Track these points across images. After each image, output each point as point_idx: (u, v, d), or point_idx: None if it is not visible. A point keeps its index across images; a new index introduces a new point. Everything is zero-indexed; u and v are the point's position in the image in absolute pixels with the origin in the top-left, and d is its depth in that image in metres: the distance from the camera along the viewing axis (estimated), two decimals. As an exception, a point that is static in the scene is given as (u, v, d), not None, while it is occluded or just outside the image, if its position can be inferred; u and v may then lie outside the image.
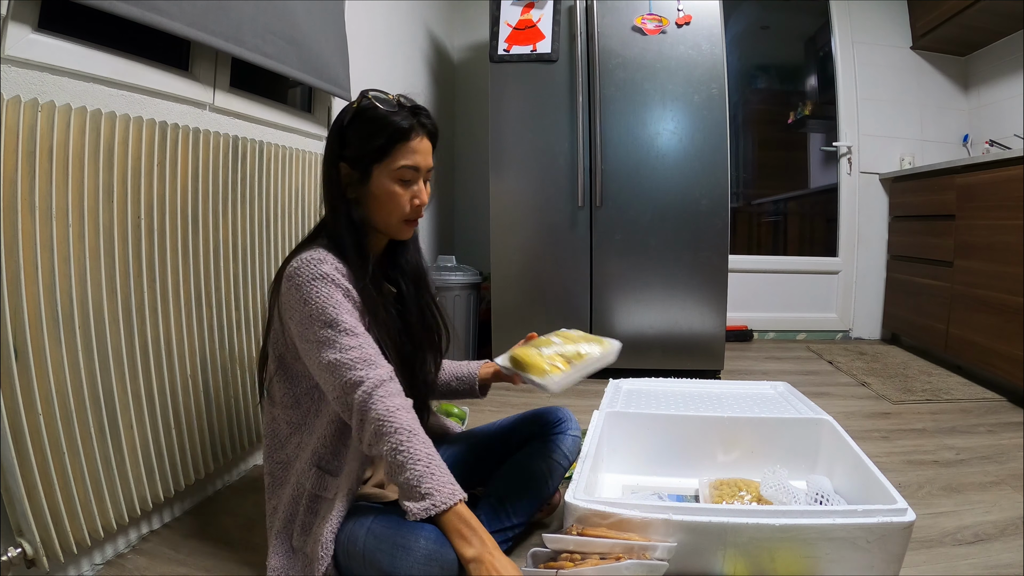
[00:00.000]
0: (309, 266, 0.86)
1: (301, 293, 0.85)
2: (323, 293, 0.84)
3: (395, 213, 0.94)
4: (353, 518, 0.80)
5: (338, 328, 0.83)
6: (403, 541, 0.75)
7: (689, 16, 2.09)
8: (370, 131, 0.91)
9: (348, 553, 0.79)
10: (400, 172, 0.92)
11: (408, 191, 0.94)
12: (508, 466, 1.06)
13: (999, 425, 1.72)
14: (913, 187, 2.70)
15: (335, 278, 0.86)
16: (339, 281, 0.86)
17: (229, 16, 1.23)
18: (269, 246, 1.38)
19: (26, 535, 0.85)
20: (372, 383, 0.80)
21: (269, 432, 0.97)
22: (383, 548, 0.76)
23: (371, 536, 0.77)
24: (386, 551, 0.75)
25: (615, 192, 2.17)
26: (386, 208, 0.94)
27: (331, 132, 0.95)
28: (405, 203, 0.94)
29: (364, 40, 1.97)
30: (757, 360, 2.62)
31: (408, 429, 0.77)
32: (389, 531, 0.77)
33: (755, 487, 1.12)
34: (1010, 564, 1.00)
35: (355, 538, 0.79)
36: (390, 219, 0.95)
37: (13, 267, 0.81)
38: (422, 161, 0.94)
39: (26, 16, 0.90)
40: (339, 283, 0.86)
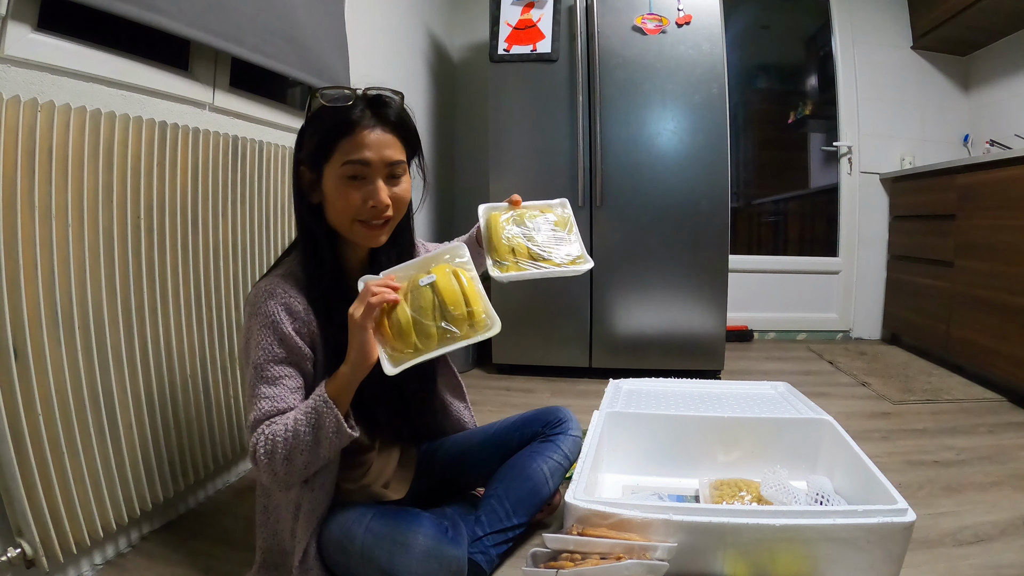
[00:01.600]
0: (257, 299, 0.84)
1: (247, 325, 0.85)
2: (260, 334, 0.83)
3: (345, 213, 0.87)
4: (350, 516, 0.80)
5: (261, 375, 0.82)
6: (402, 538, 0.75)
7: (689, 16, 2.09)
8: (316, 128, 0.87)
9: (345, 550, 0.79)
10: (345, 169, 0.85)
11: (360, 190, 0.86)
12: (508, 466, 1.06)
13: (999, 425, 1.72)
14: (913, 187, 2.70)
15: (275, 319, 0.83)
16: (278, 323, 0.83)
17: (229, 16, 1.23)
18: (269, 246, 1.38)
19: (25, 535, 0.85)
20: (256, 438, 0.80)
21: None
22: (381, 545, 0.76)
23: (369, 534, 0.78)
24: (384, 548, 0.75)
25: (615, 192, 2.17)
26: (336, 208, 0.87)
27: (298, 135, 0.92)
28: (355, 203, 0.86)
29: (364, 40, 1.97)
30: (757, 360, 2.62)
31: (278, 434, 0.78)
32: (387, 529, 0.77)
33: (755, 487, 1.12)
34: (1011, 564, 1.00)
35: (352, 536, 0.79)
36: (342, 221, 0.88)
37: (13, 267, 0.81)
38: (373, 155, 0.85)
39: (26, 16, 0.90)
40: (278, 325, 0.83)
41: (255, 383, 0.82)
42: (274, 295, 0.84)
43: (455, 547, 0.79)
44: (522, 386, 2.15)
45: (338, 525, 0.81)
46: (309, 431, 0.77)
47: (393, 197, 0.89)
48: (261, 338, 0.82)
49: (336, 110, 0.85)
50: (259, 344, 0.82)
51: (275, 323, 0.82)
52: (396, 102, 0.91)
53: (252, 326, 0.84)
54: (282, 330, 0.83)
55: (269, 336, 0.82)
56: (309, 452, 0.77)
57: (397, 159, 0.89)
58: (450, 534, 0.81)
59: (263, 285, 0.86)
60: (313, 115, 0.88)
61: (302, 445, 0.77)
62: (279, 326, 0.83)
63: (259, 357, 0.82)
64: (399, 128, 0.89)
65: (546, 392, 2.08)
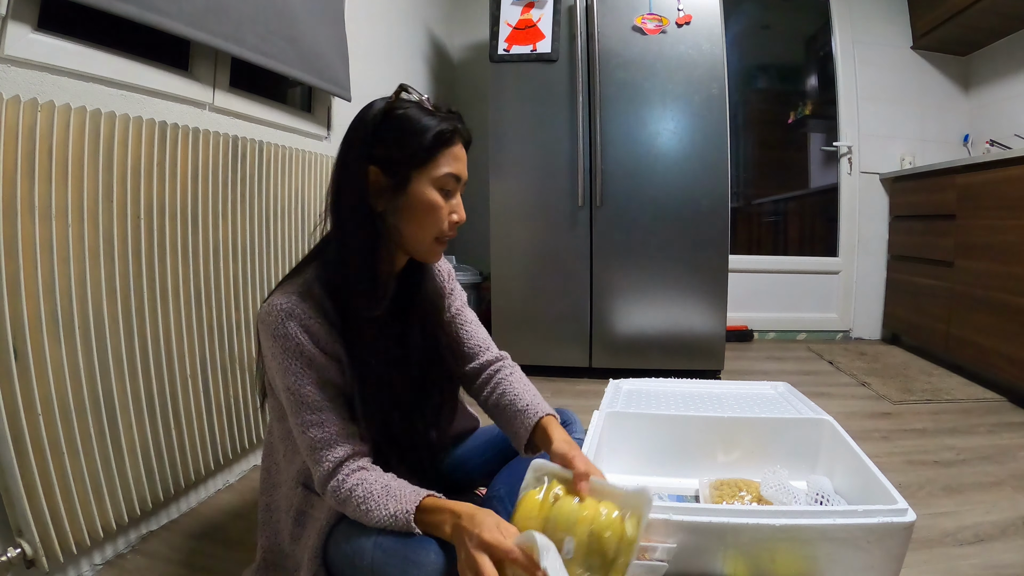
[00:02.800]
0: (276, 320, 0.78)
1: (268, 345, 0.80)
2: (287, 359, 0.78)
3: (432, 228, 0.82)
4: (359, 532, 0.79)
5: (301, 402, 0.79)
6: (414, 556, 0.74)
7: (689, 16, 2.09)
8: (413, 130, 0.79)
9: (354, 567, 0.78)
10: (443, 180, 0.81)
11: (447, 204, 0.83)
12: (511, 467, 1.06)
13: (999, 425, 1.72)
14: (913, 187, 2.70)
15: (298, 341, 0.78)
16: (302, 345, 0.78)
17: (229, 16, 1.23)
18: (269, 246, 1.38)
19: (25, 535, 0.85)
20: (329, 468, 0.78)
21: (267, 433, 0.97)
22: (393, 563, 0.74)
23: (379, 550, 0.76)
24: (396, 566, 0.74)
25: (615, 192, 2.17)
26: (423, 222, 0.82)
27: (357, 130, 0.82)
28: (443, 217, 0.82)
29: (364, 40, 1.97)
30: (757, 360, 2.62)
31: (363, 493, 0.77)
32: (399, 545, 0.75)
33: (755, 487, 1.12)
34: (1011, 564, 1.00)
35: (362, 552, 0.77)
36: (424, 235, 0.83)
37: (13, 267, 0.81)
38: (463, 170, 0.84)
39: (26, 16, 0.90)
40: (303, 348, 0.78)
41: (298, 411, 0.79)
42: (293, 316, 0.78)
43: None
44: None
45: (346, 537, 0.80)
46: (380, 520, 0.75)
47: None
48: (289, 363, 0.79)
49: (440, 117, 0.81)
50: (288, 369, 0.79)
51: (300, 346, 0.78)
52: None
53: (275, 349, 0.79)
54: (309, 352, 0.79)
55: (296, 362, 0.79)
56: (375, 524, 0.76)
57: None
58: None
59: (279, 304, 0.79)
60: (405, 115, 0.81)
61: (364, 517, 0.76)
62: (304, 348, 0.78)
63: (292, 383, 0.79)
64: (469, 145, 0.87)
65: (546, 392, 2.06)
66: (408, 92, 0.82)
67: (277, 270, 1.41)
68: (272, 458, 0.95)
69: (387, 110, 0.80)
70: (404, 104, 0.81)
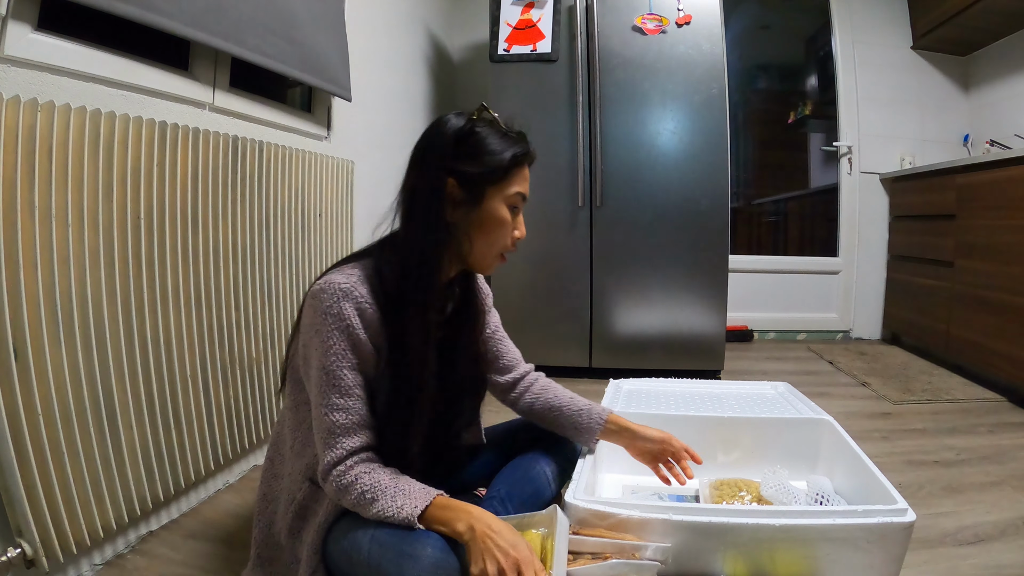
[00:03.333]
0: (330, 297, 0.79)
1: (314, 321, 0.80)
2: (332, 337, 0.79)
3: (498, 243, 0.87)
4: (356, 526, 0.80)
5: (333, 383, 0.79)
6: (410, 550, 0.74)
7: (689, 16, 2.09)
8: (492, 149, 0.84)
9: (351, 561, 0.78)
10: (513, 198, 0.86)
11: (513, 223, 0.88)
12: (511, 467, 1.06)
13: (999, 425, 1.72)
14: (913, 187, 2.70)
15: (349, 323, 0.79)
16: (352, 327, 0.79)
17: (229, 16, 1.23)
18: (269, 246, 1.38)
19: (25, 535, 0.85)
20: (340, 454, 0.79)
21: (278, 423, 0.97)
22: (389, 557, 0.75)
23: (376, 544, 0.77)
24: (392, 560, 0.74)
25: (615, 192, 2.17)
26: (492, 236, 0.86)
27: (435, 141, 0.84)
28: (509, 233, 0.88)
29: (364, 40, 1.97)
30: (757, 360, 2.62)
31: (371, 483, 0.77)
32: (395, 539, 0.76)
33: (755, 487, 1.12)
34: (1011, 564, 1.00)
35: (359, 546, 0.78)
36: (491, 249, 0.88)
37: (13, 267, 0.81)
38: (528, 189, 0.89)
39: (26, 15, 0.90)
40: (352, 330, 0.79)
41: (326, 391, 0.79)
42: (350, 296, 0.79)
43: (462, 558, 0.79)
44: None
45: (344, 533, 0.81)
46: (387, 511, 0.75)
47: None
48: (333, 341, 0.79)
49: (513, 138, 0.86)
50: (331, 348, 0.79)
51: (350, 327, 0.79)
52: None
53: (321, 325, 0.79)
54: (357, 336, 0.79)
55: (343, 341, 0.79)
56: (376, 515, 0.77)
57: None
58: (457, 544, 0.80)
59: (338, 282, 0.80)
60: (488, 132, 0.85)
61: (372, 512, 0.76)
62: (354, 331, 0.79)
63: (331, 363, 0.79)
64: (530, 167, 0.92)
65: None
66: (486, 111, 0.87)
67: (277, 270, 1.41)
68: (278, 448, 0.95)
69: (471, 125, 0.85)
70: (482, 122, 0.86)
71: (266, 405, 1.39)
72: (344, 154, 1.77)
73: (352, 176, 1.76)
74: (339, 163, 1.67)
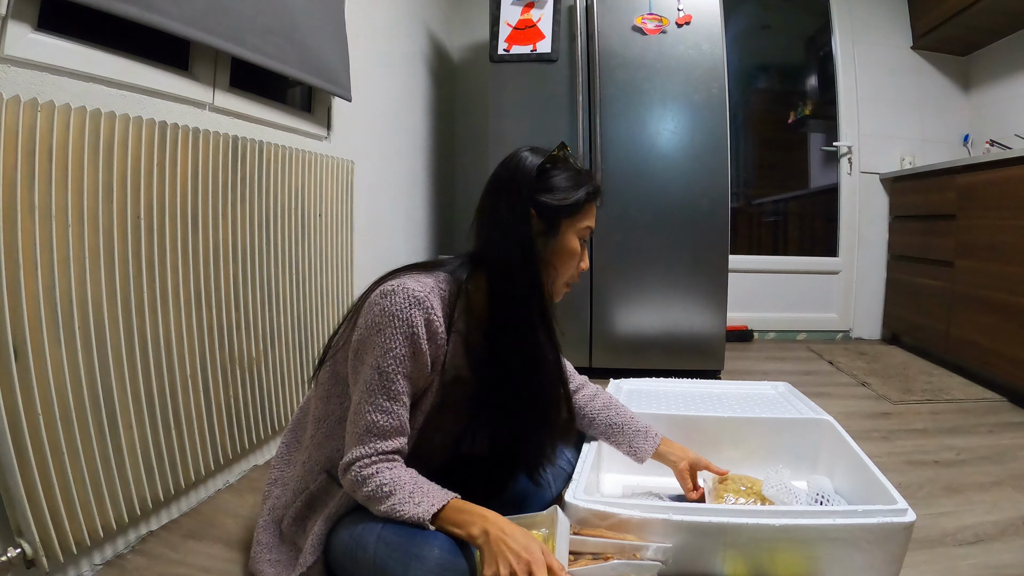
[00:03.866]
0: (403, 301, 0.80)
1: (379, 321, 0.80)
2: (396, 339, 0.79)
3: (568, 272, 0.93)
4: (362, 524, 0.80)
5: (384, 385, 0.80)
6: (416, 550, 0.74)
7: (689, 16, 2.09)
8: (570, 186, 0.90)
9: (356, 559, 0.78)
10: (584, 231, 0.92)
11: (580, 254, 0.93)
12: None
13: (999, 425, 1.72)
14: (913, 187, 2.70)
15: (416, 331, 0.80)
16: (418, 336, 0.80)
17: (229, 16, 1.23)
18: (269, 246, 1.38)
19: (25, 535, 0.85)
20: (368, 452, 0.79)
21: (301, 410, 0.97)
22: (395, 557, 0.75)
23: (382, 544, 0.77)
24: (398, 560, 0.74)
25: (615, 192, 2.17)
26: (564, 265, 0.92)
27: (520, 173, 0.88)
28: (577, 264, 0.93)
29: (364, 40, 1.97)
30: (757, 360, 2.62)
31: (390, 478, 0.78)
32: (401, 540, 0.76)
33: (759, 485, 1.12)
34: (1011, 564, 1.00)
35: (364, 545, 0.78)
36: (559, 279, 0.93)
37: (13, 267, 0.81)
38: (594, 225, 0.94)
39: (26, 15, 0.90)
40: (416, 339, 0.80)
41: (376, 391, 0.79)
42: (421, 305, 0.80)
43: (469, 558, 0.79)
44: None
45: (349, 532, 0.81)
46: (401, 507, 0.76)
47: None
48: (395, 344, 0.79)
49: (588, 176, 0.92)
50: (390, 350, 0.79)
51: (414, 335, 0.80)
52: None
53: (386, 325, 0.79)
54: (419, 344, 0.80)
55: (405, 346, 0.80)
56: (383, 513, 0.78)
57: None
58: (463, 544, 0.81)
59: (412, 287, 0.81)
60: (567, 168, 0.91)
61: (385, 506, 0.77)
62: (417, 340, 0.80)
63: (387, 364, 0.79)
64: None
65: None
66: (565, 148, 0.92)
67: (277, 269, 1.41)
68: (296, 434, 0.95)
69: (553, 161, 0.90)
70: (560, 160, 0.91)
71: (266, 405, 1.39)
72: (344, 154, 1.77)
73: (352, 176, 1.77)
74: (339, 163, 1.67)
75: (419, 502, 0.76)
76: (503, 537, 0.72)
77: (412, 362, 0.81)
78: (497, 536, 0.72)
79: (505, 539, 0.72)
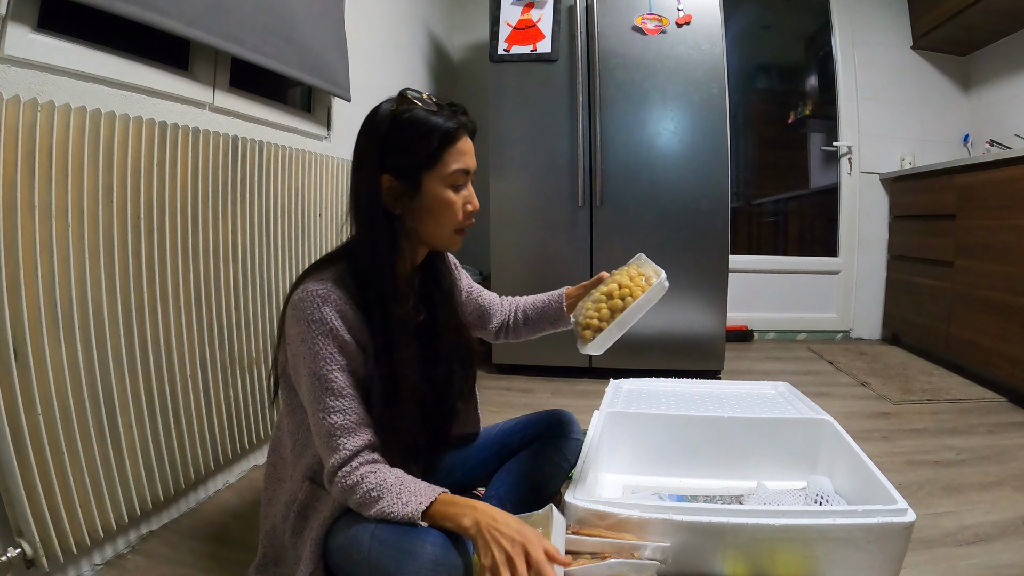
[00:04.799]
0: (311, 305, 0.81)
1: (299, 330, 0.81)
2: (317, 342, 0.80)
3: (450, 223, 0.88)
4: (356, 524, 0.80)
5: (326, 387, 0.80)
6: (410, 547, 0.74)
7: (689, 16, 2.09)
8: (418, 135, 0.83)
9: (351, 559, 0.79)
10: (453, 177, 0.85)
11: (460, 197, 0.87)
12: (510, 467, 1.06)
13: (999, 425, 1.72)
14: (913, 187, 2.70)
15: (332, 326, 0.80)
16: (336, 330, 0.81)
17: (229, 16, 1.23)
18: (269, 246, 1.38)
19: (25, 535, 0.85)
20: (344, 456, 0.79)
21: (276, 428, 0.97)
22: (388, 554, 0.75)
23: (376, 542, 0.77)
24: (392, 557, 0.75)
25: (615, 192, 2.17)
26: (441, 219, 0.87)
27: (364, 141, 0.86)
28: (459, 210, 0.87)
29: (364, 40, 1.97)
30: (757, 360, 2.62)
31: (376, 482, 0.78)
32: (395, 537, 0.76)
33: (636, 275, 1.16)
34: (1011, 564, 1.00)
35: (359, 544, 0.78)
36: (444, 231, 0.88)
37: (13, 267, 0.81)
38: (471, 162, 0.87)
39: (26, 16, 0.90)
40: (336, 332, 0.81)
41: (320, 395, 0.80)
42: (328, 301, 0.81)
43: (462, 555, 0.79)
44: (522, 386, 2.15)
45: (344, 531, 0.81)
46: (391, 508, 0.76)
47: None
48: (320, 347, 0.80)
49: (440, 117, 0.84)
50: (319, 354, 0.80)
51: (333, 330, 0.80)
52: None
53: (306, 333, 0.80)
54: (341, 337, 0.81)
55: (329, 345, 0.80)
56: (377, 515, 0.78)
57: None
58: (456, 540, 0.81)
59: (314, 290, 0.81)
60: (408, 121, 0.84)
61: (375, 510, 0.77)
62: (337, 333, 0.81)
63: (321, 368, 0.80)
64: (474, 134, 0.91)
65: (546, 392, 2.08)
66: (409, 96, 0.85)
67: (277, 269, 1.41)
68: (279, 453, 0.95)
69: (392, 118, 0.84)
70: (408, 108, 0.84)
71: (266, 405, 1.39)
72: (344, 154, 1.77)
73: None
74: (339, 163, 1.67)
75: (407, 502, 0.76)
76: (494, 524, 0.72)
77: (343, 355, 0.81)
78: (488, 524, 0.72)
79: (496, 526, 0.72)
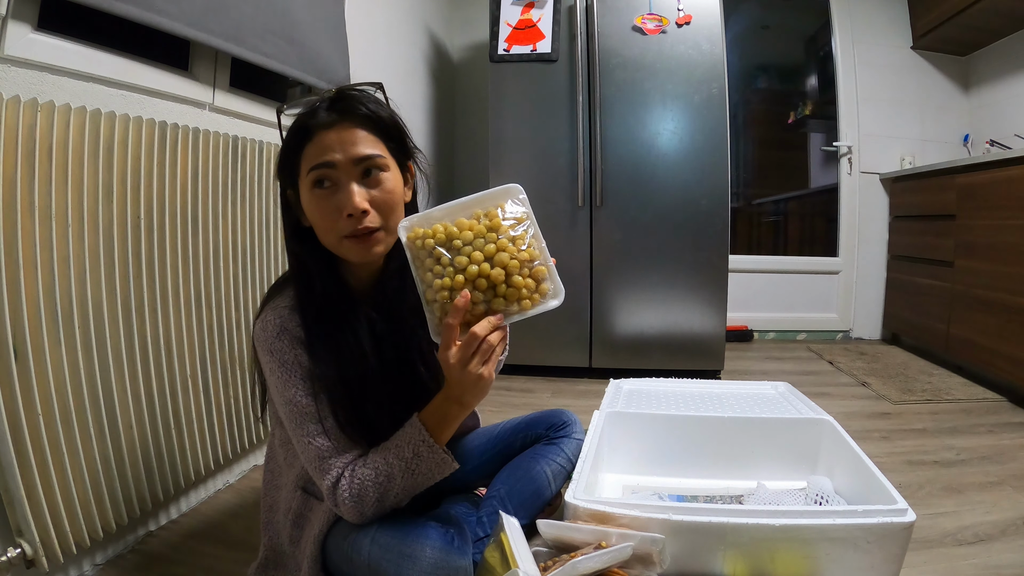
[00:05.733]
0: (271, 336, 0.80)
1: (266, 360, 0.81)
2: (284, 373, 0.79)
3: (330, 231, 0.78)
4: (355, 529, 0.80)
5: (303, 413, 0.79)
6: (409, 551, 0.74)
7: (689, 16, 2.09)
8: (287, 140, 0.79)
9: (351, 562, 0.79)
10: (313, 176, 0.76)
11: (332, 199, 0.76)
12: (511, 467, 1.06)
13: (1000, 425, 1.72)
14: (913, 187, 2.70)
15: (294, 356, 0.79)
16: (298, 358, 0.79)
17: (229, 16, 1.23)
18: (269, 246, 1.38)
19: (25, 535, 0.85)
20: (337, 473, 0.78)
21: (270, 435, 0.98)
22: (388, 558, 0.75)
23: (376, 545, 0.77)
24: (392, 560, 0.75)
25: (615, 192, 2.17)
26: (319, 227, 0.79)
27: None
28: (329, 215, 0.76)
29: (364, 40, 1.97)
30: (757, 360, 2.62)
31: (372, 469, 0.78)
32: (395, 540, 0.76)
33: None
34: (1011, 564, 1.00)
35: (359, 547, 0.78)
36: (329, 239, 0.79)
37: (13, 267, 0.81)
38: (338, 155, 0.75)
39: (26, 15, 0.90)
40: (299, 360, 0.79)
41: (300, 421, 0.80)
42: (286, 330, 0.80)
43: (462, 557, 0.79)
44: (522, 386, 2.15)
45: (343, 536, 0.81)
46: (406, 474, 0.76)
47: (373, 200, 0.77)
48: (287, 377, 0.80)
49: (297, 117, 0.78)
50: (288, 381, 0.80)
51: (296, 359, 0.80)
52: (364, 93, 0.80)
53: (272, 364, 0.80)
54: (305, 365, 0.80)
55: (294, 375, 0.80)
56: (405, 492, 0.77)
57: (368, 153, 0.76)
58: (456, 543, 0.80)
59: (272, 321, 0.81)
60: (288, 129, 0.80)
61: (397, 488, 0.77)
62: (300, 361, 0.80)
63: (292, 396, 0.79)
64: (369, 121, 0.78)
65: (546, 392, 2.08)
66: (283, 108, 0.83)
67: (277, 270, 1.41)
68: (275, 460, 0.96)
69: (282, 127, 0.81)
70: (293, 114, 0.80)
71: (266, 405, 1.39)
72: (344, 154, 1.77)
73: (352, 176, 1.76)
74: (339, 163, 1.67)
75: (414, 451, 0.77)
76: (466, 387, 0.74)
77: (310, 381, 0.80)
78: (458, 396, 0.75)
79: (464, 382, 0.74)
